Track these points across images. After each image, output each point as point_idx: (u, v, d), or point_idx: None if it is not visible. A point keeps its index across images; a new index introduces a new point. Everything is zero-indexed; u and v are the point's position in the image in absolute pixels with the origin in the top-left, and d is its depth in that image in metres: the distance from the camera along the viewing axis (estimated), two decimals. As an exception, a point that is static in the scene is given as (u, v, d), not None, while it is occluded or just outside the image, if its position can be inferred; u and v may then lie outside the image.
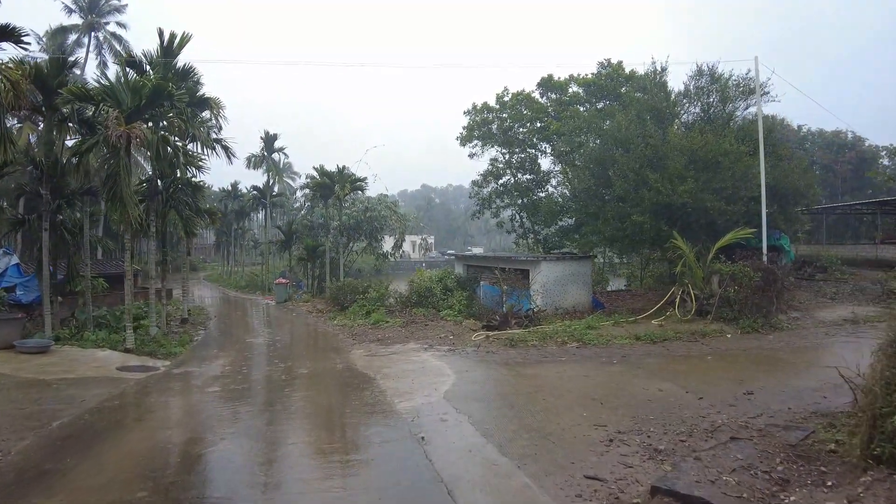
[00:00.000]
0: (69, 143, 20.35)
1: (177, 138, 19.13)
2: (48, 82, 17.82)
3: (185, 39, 20.05)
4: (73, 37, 38.98)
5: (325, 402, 11.41)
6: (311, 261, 36.18)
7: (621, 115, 24.49)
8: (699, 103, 25.32)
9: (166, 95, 17.47)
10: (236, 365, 15.87)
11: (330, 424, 10.04)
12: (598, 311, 22.65)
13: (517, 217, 35.54)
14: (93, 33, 39.37)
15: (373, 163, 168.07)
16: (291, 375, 14.27)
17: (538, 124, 32.57)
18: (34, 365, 14.38)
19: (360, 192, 35.26)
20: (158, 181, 20.68)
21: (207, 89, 27.32)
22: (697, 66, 24.99)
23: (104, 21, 39.68)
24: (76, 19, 39.33)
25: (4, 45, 16.72)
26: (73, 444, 8.79)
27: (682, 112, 25.76)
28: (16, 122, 21.72)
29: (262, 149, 42.20)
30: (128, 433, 9.29)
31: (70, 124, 19.07)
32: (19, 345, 15.38)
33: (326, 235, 35.72)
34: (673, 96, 25.70)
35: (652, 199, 20.62)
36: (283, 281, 35.59)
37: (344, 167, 33.35)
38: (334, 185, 32.18)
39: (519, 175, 34.34)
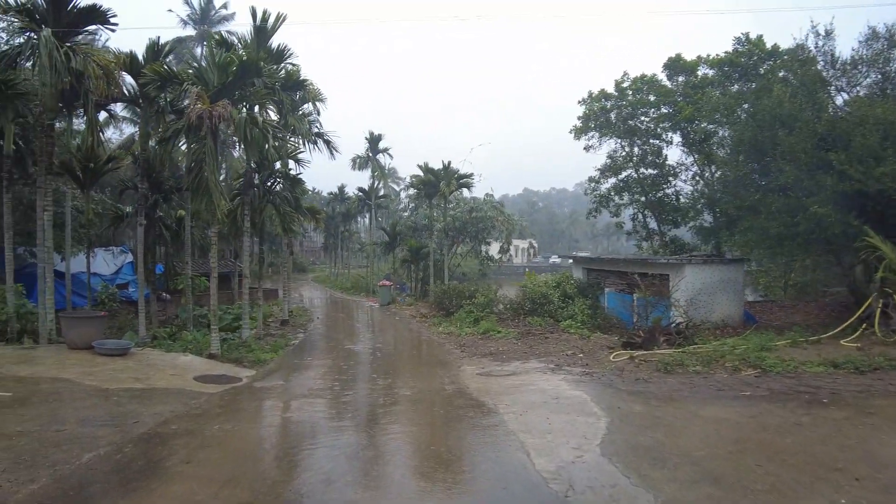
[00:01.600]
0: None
1: (267, 118, 16.73)
2: (154, 80, 16.16)
3: (280, 19, 17.87)
4: (188, 46, 39.45)
5: (434, 448, 8.16)
6: (415, 263, 33.63)
7: (780, 88, 19.64)
8: (876, 71, 19.98)
9: (255, 71, 15.13)
10: (329, 380, 13.10)
11: (442, 495, 6.74)
12: (751, 326, 18.10)
13: (639, 216, 31.01)
14: (204, 43, 39.51)
15: (474, 167, 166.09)
16: (391, 398, 11.22)
17: (665, 110, 27.93)
18: (106, 370, 12.28)
19: (465, 189, 32.14)
20: (255, 174, 18.63)
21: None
22: (870, 28, 19.75)
23: (214, 31, 39.64)
24: (190, 31, 40.00)
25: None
26: (86, 499, 6.14)
27: (854, 83, 20.50)
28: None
29: (367, 150, 40.33)
30: (163, 486, 6.49)
31: (169, 116, 17.44)
32: (98, 345, 13.46)
33: (430, 237, 32.98)
34: (838, 65, 20.53)
35: (835, 187, 15.84)
36: (387, 283, 33.22)
37: (449, 163, 30.49)
38: (439, 182, 29.34)
39: (641, 169, 29.84)
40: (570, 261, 34.94)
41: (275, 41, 18.15)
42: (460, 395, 11.22)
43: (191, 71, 15.40)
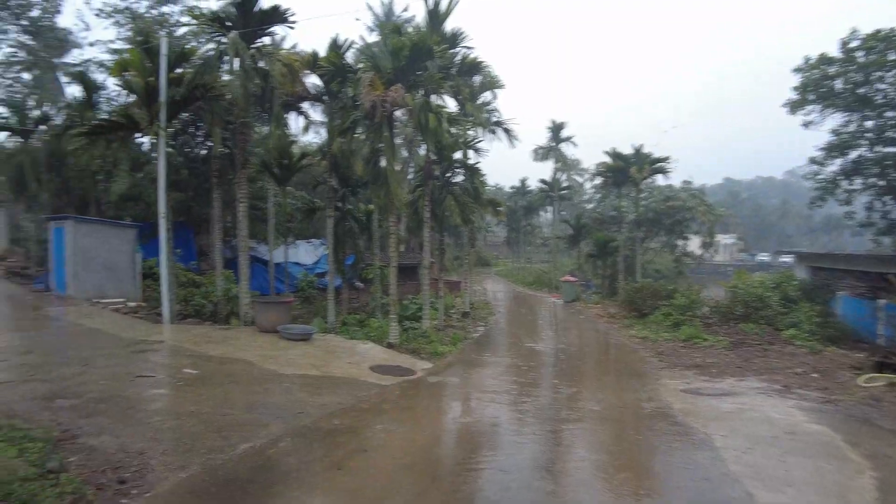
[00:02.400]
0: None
1: (443, 104, 15.83)
2: (330, 71, 16.35)
3: (454, 2, 16.94)
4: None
5: (630, 490, 6.37)
6: (602, 258, 31.08)
7: None
8: None
9: (427, 54, 14.26)
10: (506, 381, 11.81)
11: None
12: None
13: (876, 204, 25.11)
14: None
15: (668, 154, 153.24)
16: (576, 412, 9.55)
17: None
18: (286, 354, 12.28)
19: (660, 175, 28.68)
20: (434, 165, 18.04)
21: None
22: None
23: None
24: (375, 37, 41.46)
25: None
26: (228, 497, 5.49)
27: None
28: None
29: (549, 139, 38.48)
30: (303, 497, 5.63)
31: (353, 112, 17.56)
32: (282, 330, 13.70)
33: (619, 229, 30.22)
34: None
35: None
36: (572, 279, 31.16)
37: (641, 146, 27.42)
38: (629, 167, 26.53)
39: (878, 147, 24.01)
40: (790, 258, 29.68)
41: (448, 25, 17.35)
42: (661, 417, 9.16)
43: (364, 60, 15.13)
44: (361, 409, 8.92)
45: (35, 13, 25.43)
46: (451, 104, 18.28)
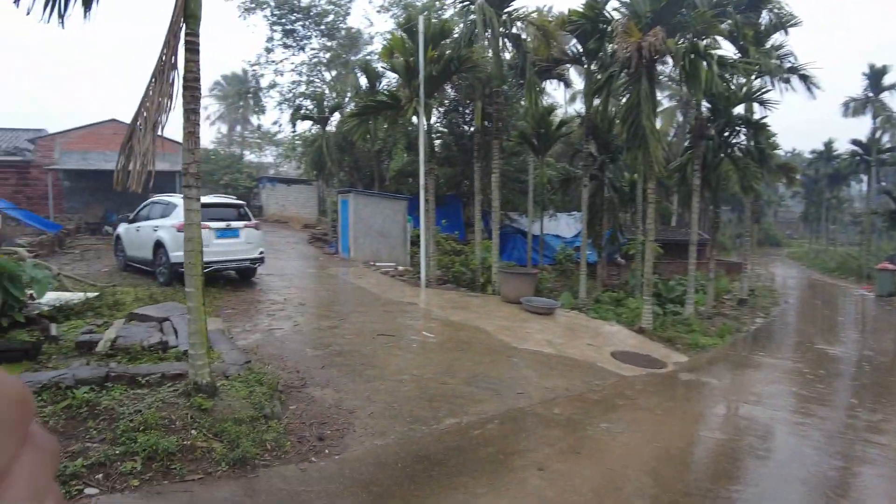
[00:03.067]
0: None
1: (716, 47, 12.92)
2: (584, 27, 14.87)
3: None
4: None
5: None
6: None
7: None
8: None
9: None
10: (783, 389, 9.25)
11: None
12: None
13: None
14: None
15: None
16: (878, 449, 6.80)
17: None
18: (523, 327, 11.53)
19: None
20: (707, 124, 15.23)
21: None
22: None
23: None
24: None
25: None
26: (405, 479, 4.86)
27: None
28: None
29: (865, 89, 30.16)
30: (489, 497, 4.69)
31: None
32: (525, 301, 12.98)
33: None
34: None
35: None
36: (891, 266, 24.37)
37: None
38: None
39: None
40: None
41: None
42: None
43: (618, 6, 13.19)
44: (589, 400, 7.67)
45: (329, 18, 29.04)
46: (729, 50, 15.20)
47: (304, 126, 29.11)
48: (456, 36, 15.69)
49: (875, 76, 30.44)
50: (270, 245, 22.75)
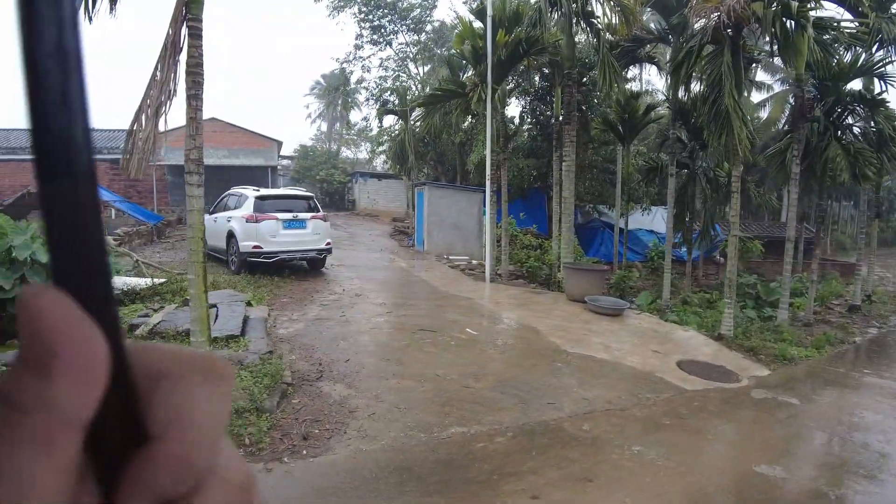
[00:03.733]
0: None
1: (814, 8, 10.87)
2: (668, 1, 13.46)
3: None
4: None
5: None
6: None
7: None
8: None
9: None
10: (881, 424, 7.60)
11: None
12: None
13: None
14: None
15: None
16: None
17: None
18: (582, 328, 10.48)
19: None
20: (812, 103, 13.15)
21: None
22: None
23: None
24: None
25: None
26: (374, 490, 4.26)
27: None
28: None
29: None
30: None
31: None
32: (590, 301, 11.87)
33: None
34: None
35: None
36: None
37: None
38: None
39: None
40: None
41: None
42: None
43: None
44: (631, 417, 6.67)
45: (416, 13, 28.86)
46: (845, 17, 13.08)
47: (390, 121, 29.33)
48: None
49: None
50: (353, 237, 23.11)
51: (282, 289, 12.38)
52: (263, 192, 14.25)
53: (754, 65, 17.67)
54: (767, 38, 10.75)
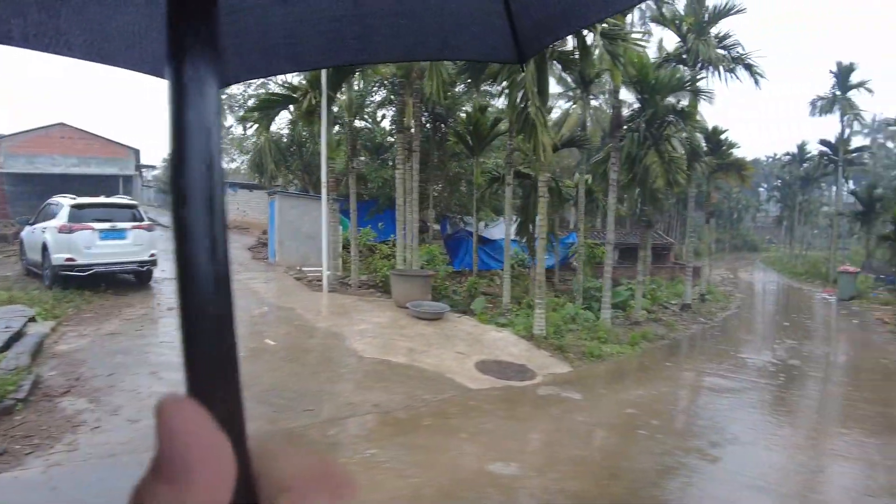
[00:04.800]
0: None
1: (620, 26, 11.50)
2: None
3: None
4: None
5: None
6: (903, 243, 22.08)
7: None
8: None
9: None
10: (654, 409, 7.89)
11: None
12: None
13: None
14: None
15: None
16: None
17: None
18: (395, 334, 10.19)
19: None
20: (642, 113, 13.96)
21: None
22: None
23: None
24: None
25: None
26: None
27: None
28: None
29: (833, 87, 28.73)
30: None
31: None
32: (412, 306, 11.66)
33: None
34: None
35: None
36: (851, 269, 22.94)
37: None
38: None
39: None
40: None
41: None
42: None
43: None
44: (392, 420, 6.41)
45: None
46: (673, 39, 14.00)
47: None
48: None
49: (843, 74, 29.03)
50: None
51: (91, 304, 11.25)
52: (81, 200, 12.95)
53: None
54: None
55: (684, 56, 17.54)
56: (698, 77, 16.17)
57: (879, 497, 5.53)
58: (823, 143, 30.67)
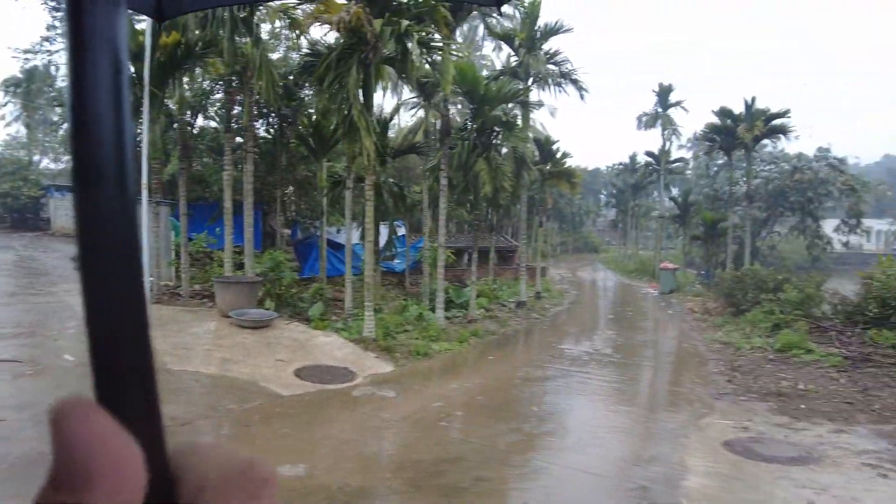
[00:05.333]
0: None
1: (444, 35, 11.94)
2: None
3: None
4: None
5: None
6: (710, 241, 25.23)
7: None
8: None
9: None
10: (465, 400, 8.27)
11: None
12: None
13: None
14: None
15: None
16: (558, 461, 5.87)
17: None
18: (212, 343, 9.72)
19: (780, 135, 22.04)
20: (470, 122, 14.58)
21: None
22: None
23: None
24: None
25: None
26: None
27: None
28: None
29: (656, 104, 32.47)
30: None
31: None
32: (236, 315, 11.13)
33: (733, 207, 24.20)
34: None
35: None
36: (670, 266, 25.78)
37: (753, 99, 21.12)
38: (737, 126, 20.59)
39: None
40: None
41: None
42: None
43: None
44: (185, 433, 6.05)
45: None
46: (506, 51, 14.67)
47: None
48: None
49: (663, 94, 32.78)
50: (19, 262, 19.15)
51: None
52: None
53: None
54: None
55: (518, 70, 18.67)
56: (530, 89, 17.28)
57: (642, 464, 6.22)
58: (648, 154, 34.39)
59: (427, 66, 11.24)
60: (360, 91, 10.66)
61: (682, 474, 5.69)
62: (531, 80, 18.73)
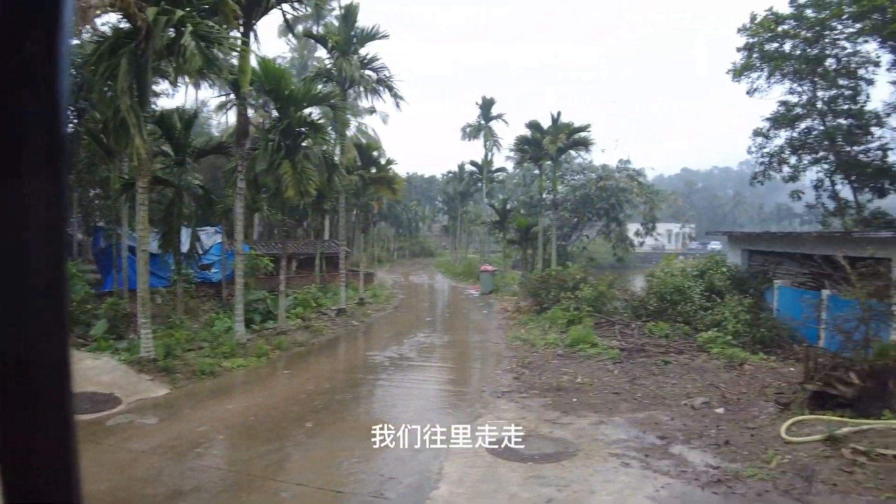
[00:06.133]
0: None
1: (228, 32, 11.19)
2: None
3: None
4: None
5: None
6: (525, 245, 26.91)
7: None
8: None
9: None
10: (237, 424, 7.59)
11: None
12: None
13: (826, 182, 20.86)
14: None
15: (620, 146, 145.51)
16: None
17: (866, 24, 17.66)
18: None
19: (583, 147, 24.25)
20: (278, 125, 13.81)
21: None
22: None
23: None
24: None
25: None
26: None
27: None
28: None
29: (479, 116, 34.15)
30: None
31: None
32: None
33: (544, 213, 26.06)
34: None
35: None
36: (489, 269, 27.09)
37: (559, 114, 23.00)
38: (544, 137, 22.19)
39: (829, 119, 19.94)
40: (717, 243, 25.65)
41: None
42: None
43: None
44: None
45: None
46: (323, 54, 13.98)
47: None
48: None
49: (486, 107, 34.40)
50: None
51: None
52: None
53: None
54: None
55: (332, 72, 18.26)
56: (336, 94, 16.95)
57: (397, 476, 6.06)
58: (473, 163, 35.96)
59: (209, 60, 10.26)
60: (134, 85, 9.47)
61: (436, 483, 5.63)
62: (347, 84, 18.41)
